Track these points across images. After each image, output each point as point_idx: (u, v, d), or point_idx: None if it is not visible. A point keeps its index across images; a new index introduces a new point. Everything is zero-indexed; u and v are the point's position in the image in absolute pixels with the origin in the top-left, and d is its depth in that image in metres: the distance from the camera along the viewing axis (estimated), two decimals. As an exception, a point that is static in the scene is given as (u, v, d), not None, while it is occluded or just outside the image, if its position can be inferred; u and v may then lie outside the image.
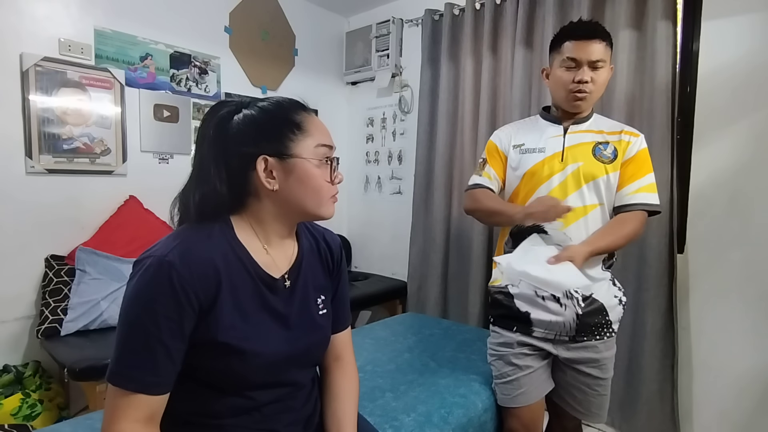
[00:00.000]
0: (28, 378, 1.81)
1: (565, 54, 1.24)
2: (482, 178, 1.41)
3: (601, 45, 1.22)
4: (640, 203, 1.25)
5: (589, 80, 1.22)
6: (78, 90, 2.05)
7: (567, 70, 1.24)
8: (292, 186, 0.80)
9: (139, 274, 0.71)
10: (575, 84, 1.23)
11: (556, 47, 1.28)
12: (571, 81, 1.24)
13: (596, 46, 1.21)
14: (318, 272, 0.93)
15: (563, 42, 1.25)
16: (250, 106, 0.81)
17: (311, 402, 0.92)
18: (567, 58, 1.23)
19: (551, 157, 1.28)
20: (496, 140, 1.43)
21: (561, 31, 1.30)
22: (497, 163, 1.41)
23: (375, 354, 1.67)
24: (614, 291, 1.31)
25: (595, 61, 1.22)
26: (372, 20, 2.99)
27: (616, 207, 1.30)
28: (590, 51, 1.21)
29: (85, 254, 1.99)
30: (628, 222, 1.24)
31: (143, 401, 0.70)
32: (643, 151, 1.28)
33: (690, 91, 1.88)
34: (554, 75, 1.29)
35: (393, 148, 3.05)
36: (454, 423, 1.28)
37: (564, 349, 1.29)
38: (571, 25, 1.29)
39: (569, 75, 1.24)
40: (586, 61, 1.22)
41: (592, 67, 1.23)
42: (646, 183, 1.27)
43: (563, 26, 1.31)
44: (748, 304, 1.76)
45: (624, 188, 1.27)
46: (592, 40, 1.21)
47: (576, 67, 1.23)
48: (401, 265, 2.87)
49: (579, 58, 1.22)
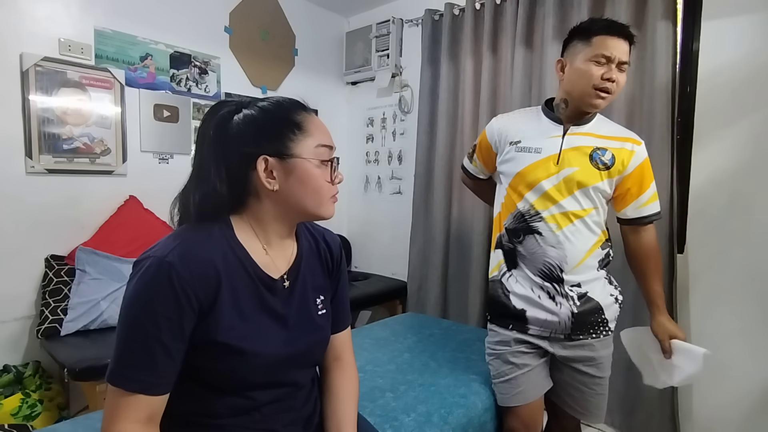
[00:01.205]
0: (28, 378, 1.81)
1: (599, 49, 1.18)
2: (471, 166, 1.52)
3: (630, 47, 1.21)
4: (651, 214, 1.29)
5: (615, 79, 1.19)
6: (78, 90, 2.05)
7: (597, 65, 1.19)
8: (293, 186, 0.80)
9: (139, 275, 0.71)
10: (602, 81, 1.19)
11: (584, 39, 1.21)
12: (599, 77, 1.19)
13: (627, 47, 1.20)
14: (317, 272, 0.93)
15: (595, 35, 1.20)
16: (250, 106, 0.81)
17: (311, 402, 0.92)
18: (601, 54, 1.18)
19: (546, 159, 1.26)
20: (489, 133, 1.42)
21: (593, 23, 1.24)
22: (485, 156, 1.45)
23: (375, 354, 1.67)
24: (610, 289, 1.31)
25: (623, 63, 1.19)
26: (372, 20, 2.99)
27: (628, 219, 1.31)
28: (623, 50, 1.19)
29: (85, 254, 1.99)
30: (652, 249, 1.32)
31: (143, 402, 0.70)
32: (647, 160, 1.28)
33: (690, 92, 1.88)
34: (578, 68, 1.22)
35: (393, 148, 3.05)
36: (454, 423, 1.28)
37: (560, 347, 1.29)
38: (605, 20, 1.25)
39: (599, 70, 1.19)
40: (617, 60, 1.18)
41: (619, 68, 1.20)
42: (653, 192, 1.29)
43: (593, 18, 1.27)
44: (748, 304, 1.76)
45: (636, 200, 1.27)
46: (625, 40, 1.19)
47: (606, 63, 1.19)
48: (401, 265, 2.87)
49: (612, 56, 1.17)
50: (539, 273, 1.26)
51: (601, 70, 1.19)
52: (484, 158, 1.46)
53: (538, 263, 1.26)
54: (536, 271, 1.27)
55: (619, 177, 1.26)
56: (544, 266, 1.25)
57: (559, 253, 1.23)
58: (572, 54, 1.24)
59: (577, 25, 1.28)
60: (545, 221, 1.25)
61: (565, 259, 1.23)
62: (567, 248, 1.23)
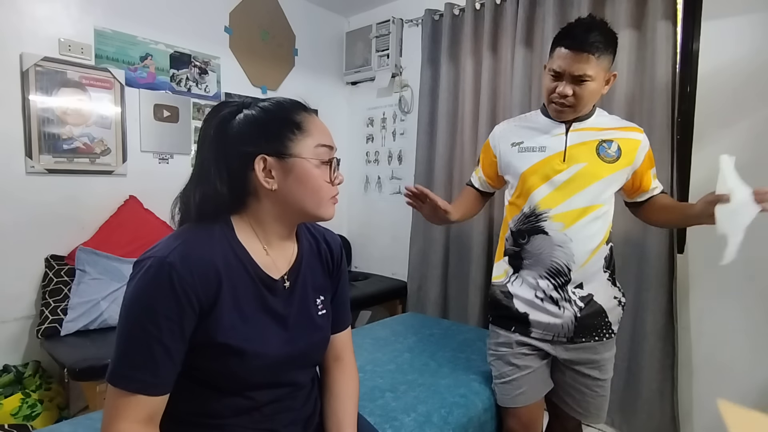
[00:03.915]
0: (28, 378, 1.81)
1: (552, 62, 1.19)
2: (474, 177, 1.48)
3: (591, 58, 1.14)
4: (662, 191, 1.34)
5: (570, 94, 1.18)
6: (78, 90, 2.05)
7: (552, 78, 1.20)
8: (291, 186, 0.79)
9: (140, 275, 0.71)
10: (555, 95, 1.20)
11: (552, 49, 1.22)
12: (552, 90, 1.20)
13: (583, 61, 1.14)
14: (317, 273, 0.93)
15: (555, 46, 1.20)
16: (252, 106, 0.81)
17: (311, 402, 0.92)
18: (551, 68, 1.19)
19: (552, 156, 1.25)
20: (491, 139, 1.41)
21: (561, 30, 1.23)
22: (487, 164, 1.41)
23: (375, 354, 1.67)
24: (614, 292, 1.30)
25: (579, 76, 1.15)
26: (372, 20, 2.99)
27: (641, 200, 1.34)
28: (575, 66, 1.14)
29: (85, 254, 1.99)
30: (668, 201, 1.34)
31: (143, 402, 0.70)
32: (650, 149, 1.31)
33: (690, 91, 1.88)
34: (543, 77, 1.26)
35: (393, 148, 3.05)
36: (454, 423, 1.28)
37: (562, 350, 1.29)
38: (569, 26, 1.21)
39: (551, 84, 1.20)
40: (569, 75, 1.16)
41: (575, 82, 1.17)
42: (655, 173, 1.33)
43: (564, 26, 1.23)
44: (748, 304, 1.76)
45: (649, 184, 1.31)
46: (580, 53, 1.14)
47: (559, 78, 1.19)
48: (401, 265, 2.87)
49: (562, 71, 1.17)
50: (546, 273, 1.25)
51: (554, 84, 1.20)
52: (486, 164, 1.42)
53: (546, 264, 1.25)
54: (543, 271, 1.25)
55: (630, 169, 1.26)
56: (551, 266, 1.24)
57: (566, 252, 1.22)
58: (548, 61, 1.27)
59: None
60: (552, 220, 1.23)
61: (573, 258, 1.22)
62: (574, 247, 1.22)
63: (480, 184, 1.45)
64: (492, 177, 1.42)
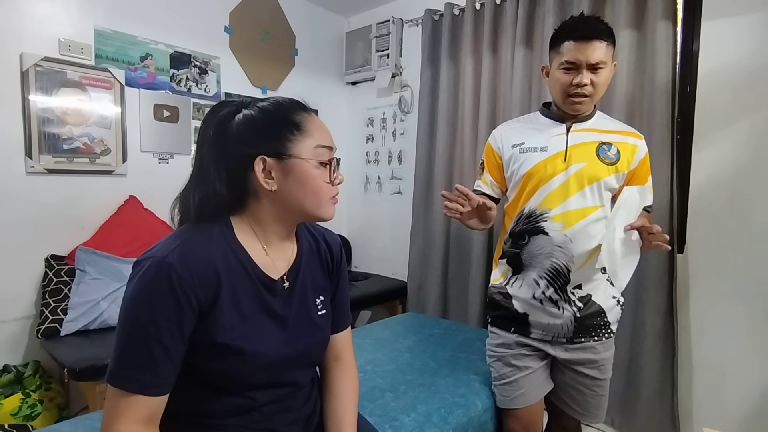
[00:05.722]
0: (28, 378, 1.81)
1: (564, 56, 1.20)
2: (480, 183, 1.41)
3: (602, 45, 1.17)
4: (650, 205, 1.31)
5: (588, 83, 1.19)
6: (78, 90, 2.05)
7: (566, 72, 1.21)
8: (291, 186, 0.79)
9: (139, 275, 0.71)
10: (573, 87, 1.20)
11: (555, 46, 1.23)
12: (569, 84, 1.20)
13: (597, 48, 1.16)
14: (317, 273, 0.93)
15: (562, 42, 1.21)
16: (251, 106, 0.81)
17: (311, 402, 0.92)
18: (565, 60, 1.20)
19: (554, 156, 1.25)
20: (491, 141, 1.40)
21: (560, 28, 1.24)
22: (493, 167, 1.38)
23: (375, 354, 1.67)
24: (612, 292, 1.30)
25: (594, 64, 1.17)
26: (372, 20, 2.99)
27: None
28: (590, 53, 1.16)
29: (85, 254, 1.99)
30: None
31: (143, 402, 0.70)
32: (648, 155, 1.31)
33: (690, 92, 1.88)
34: (553, 75, 1.25)
35: (393, 148, 3.05)
36: (454, 423, 1.28)
37: (562, 350, 1.29)
38: (571, 22, 1.24)
39: (567, 77, 1.20)
40: (585, 64, 1.18)
41: (591, 70, 1.19)
42: (649, 184, 1.31)
43: (563, 22, 1.26)
44: (748, 304, 1.76)
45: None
46: (592, 41, 1.16)
47: (575, 69, 1.19)
48: (401, 265, 2.87)
49: (578, 61, 1.18)
50: (546, 274, 1.25)
51: (570, 76, 1.20)
52: (492, 168, 1.39)
53: (545, 264, 1.25)
54: (543, 272, 1.25)
55: (626, 173, 1.27)
56: (551, 267, 1.24)
57: (565, 253, 1.23)
58: (550, 60, 1.28)
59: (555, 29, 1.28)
60: (552, 220, 1.24)
61: (572, 258, 1.22)
62: (573, 248, 1.22)
63: (491, 189, 1.39)
64: (500, 180, 1.38)
